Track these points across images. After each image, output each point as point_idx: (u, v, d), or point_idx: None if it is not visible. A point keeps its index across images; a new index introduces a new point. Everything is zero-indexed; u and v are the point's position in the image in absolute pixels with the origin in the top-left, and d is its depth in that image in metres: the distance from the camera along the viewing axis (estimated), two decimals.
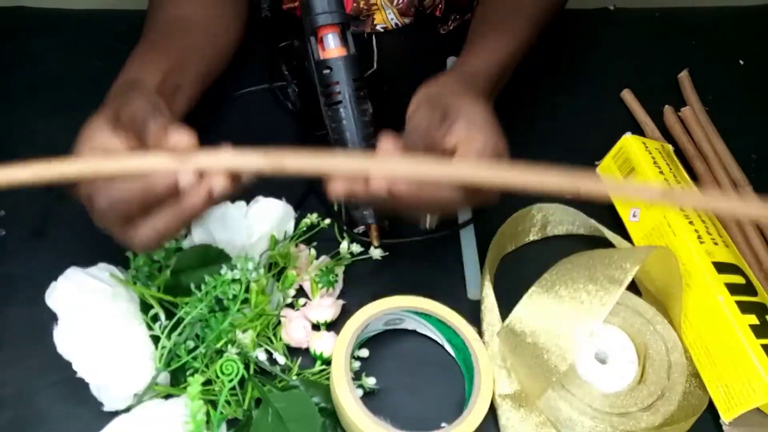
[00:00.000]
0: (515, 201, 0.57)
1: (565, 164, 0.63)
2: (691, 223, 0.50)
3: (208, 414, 0.42)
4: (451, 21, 0.72)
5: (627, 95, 0.66)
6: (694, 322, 0.47)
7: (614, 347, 0.46)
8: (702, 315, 0.46)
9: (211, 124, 0.64)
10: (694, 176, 0.59)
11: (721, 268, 0.47)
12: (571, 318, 0.42)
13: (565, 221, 0.55)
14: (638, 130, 0.64)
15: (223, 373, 0.41)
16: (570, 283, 0.44)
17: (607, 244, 0.53)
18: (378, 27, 0.69)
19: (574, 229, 0.56)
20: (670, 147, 0.58)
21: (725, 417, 0.44)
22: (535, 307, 0.44)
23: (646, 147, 0.55)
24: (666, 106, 0.65)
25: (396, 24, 0.69)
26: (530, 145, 0.63)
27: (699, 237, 0.49)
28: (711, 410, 0.45)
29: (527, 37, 0.55)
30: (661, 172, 0.53)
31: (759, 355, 0.42)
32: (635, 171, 0.54)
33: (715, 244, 0.49)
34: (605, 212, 0.56)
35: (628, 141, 0.56)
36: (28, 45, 0.69)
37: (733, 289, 0.46)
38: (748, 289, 0.47)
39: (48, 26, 0.70)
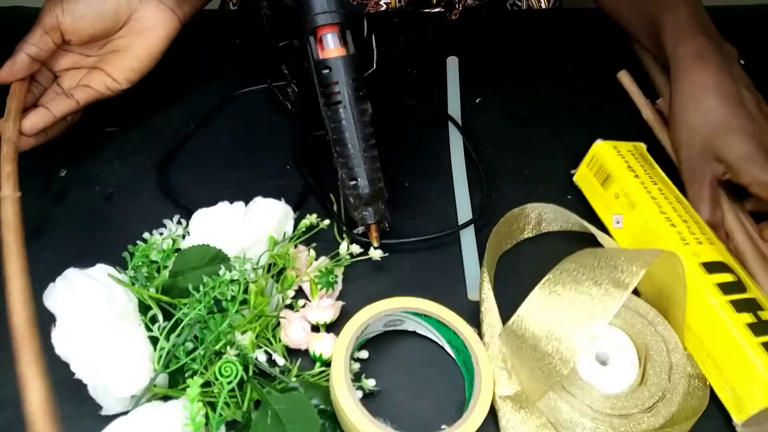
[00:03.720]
0: (512, 201, 0.57)
1: (565, 163, 0.63)
2: (673, 225, 0.49)
3: (206, 416, 0.41)
4: (458, 2, 0.71)
5: (624, 77, 0.65)
6: (692, 326, 0.46)
7: (615, 348, 0.46)
8: (698, 319, 0.46)
9: (210, 123, 0.64)
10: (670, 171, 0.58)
11: (710, 268, 0.47)
12: (574, 321, 0.42)
13: (558, 219, 0.55)
14: (640, 126, 0.63)
15: (222, 375, 0.41)
16: (573, 285, 0.43)
17: (601, 243, 0.53)
18: (382, 2, 0.69)
19: (569, 226, 0.55)
20: (642, 145, 0.58)
21: (737, 418, 0.44)
22: (538, 309, 0.44)
23: (618, 151, 0.55)
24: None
25: (400, 2, 0.69)
26: (532, 143, 0.63)
27: (683, 239, 0.48)
28: (723, 412, 0.45)
29: None
30: (636, 176, 0.53)
31: (760, 355, 0.42)
32: (611, 178, 0.54)
33: (699, 243, 0.48)
34: (590, 218, 0.55)
35: (600, 147, 0.56)
36: None
37: (724, 288, 0.46)
38: (739, 286, 0.46)
39: None
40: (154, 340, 0.43)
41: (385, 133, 0.52)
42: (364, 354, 0.47)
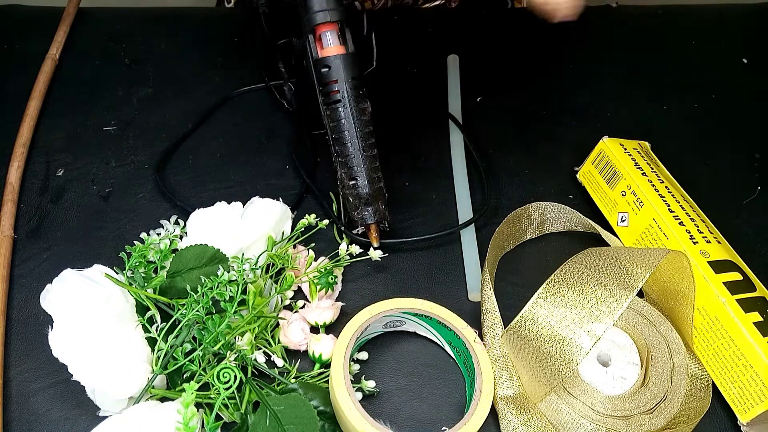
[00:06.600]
0: (513, 201, 0.57)
1: (566, 162, 0.63)
2: (681, 224, 0.49)
3: (202, 420, 0.41)
4: None
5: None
6: (699, 326, 0.46)
7: (617, 349, 0.45)
8: (706, 318, 0.46)
9: (208, 122, 0.63)
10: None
11: (718, 267, 0.47)
12: (579, 323, 0.42)
13: (561, 219, 0.55)
14: (642, 126, 0.63)
15: (219, 381, 0.40)
16: (578, 287, 0.43)
17: (605, 241, 0.52)
18: None
19: (572, 226, 0.55)
20: (647, 144, 0.58)
21: (743, 418, 0.44)
22: (542, 311, 0.44)
23: (625, 149, 0.55)
24: None
25: None
26: (533, 143, 0.63)
27: (692, 237, 0.48)
28: (727, 412, 0.45)
29: None
30: (644, 174, 0.52)
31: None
32: (618, 175, 0.53)
33: (708, 242, 0.48)
34: (593, 217, 0.55)
35: (606, 144, 0.55)
36: (24, 45, 0.69)
37: (732, 287, 0.45)
38: (747, 285, 0.46)
39: (45, 25, 0.69)
40: (152, 341, 0.42)
41: (385, 132, 0.52)
42: (363, 355, 0.46)
